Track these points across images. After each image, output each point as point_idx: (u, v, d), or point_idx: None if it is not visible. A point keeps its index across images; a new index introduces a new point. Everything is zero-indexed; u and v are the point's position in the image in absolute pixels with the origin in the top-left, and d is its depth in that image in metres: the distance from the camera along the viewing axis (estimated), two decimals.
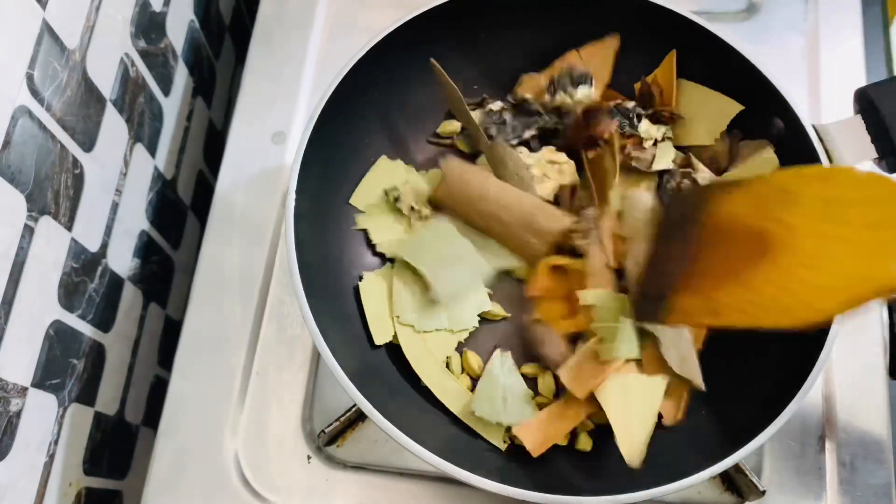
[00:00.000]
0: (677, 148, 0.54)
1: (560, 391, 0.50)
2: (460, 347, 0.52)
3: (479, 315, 0.52)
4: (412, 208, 0.53)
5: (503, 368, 0.50)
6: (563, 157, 0.53)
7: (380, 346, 0.51)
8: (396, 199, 0.53)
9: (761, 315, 0.38)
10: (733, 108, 0.52)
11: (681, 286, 0.42)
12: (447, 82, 0.51)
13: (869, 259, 0.34)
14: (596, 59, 0.55)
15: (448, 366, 0.51)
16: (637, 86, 0.55)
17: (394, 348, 0.51)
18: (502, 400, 0.49)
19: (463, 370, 0.51)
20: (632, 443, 0.46)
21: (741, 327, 0.39)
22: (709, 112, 0.53)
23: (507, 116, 0.53)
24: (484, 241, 0.52)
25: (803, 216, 0.37)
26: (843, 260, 0.35)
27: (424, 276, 0.50)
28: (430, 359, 0.50)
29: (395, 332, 0.51)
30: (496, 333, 0.53)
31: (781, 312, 0.37)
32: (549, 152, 0.53)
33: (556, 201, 0.53)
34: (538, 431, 0.47)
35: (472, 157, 0.56)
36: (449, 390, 0.49)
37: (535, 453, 0.47)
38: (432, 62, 0.50)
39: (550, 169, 0.52)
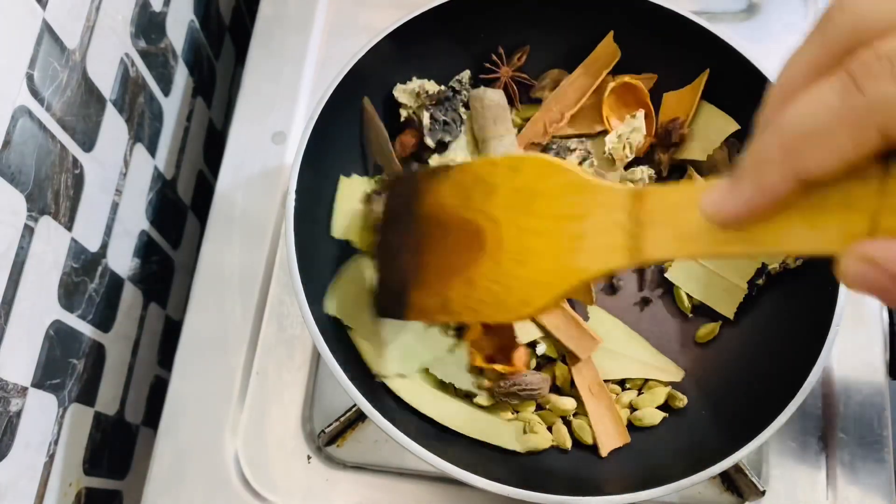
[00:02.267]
0: (675, 162, 0.55)
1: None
2: None
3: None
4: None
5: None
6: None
7: None
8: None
9: (486, 311, 0.38)
10: (730, 126, 0.52)
11: (415, 282, 0.41)
12: (375, 120, 0.51)
13: (562, 252, 0.33)
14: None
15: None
16: (661, 121, 0.55)
17: None
18: (457, 366, 0.49)
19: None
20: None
21: (472, 321, 0.38)
22: (706, 129, 0.53)
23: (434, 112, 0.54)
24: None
25: (502, 207, 0.37)
26: (542, 253, 0.35)
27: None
28: (421, 390, 0.49)
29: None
30: None
31: (500, 308, 0.37)
32: None
33: None
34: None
35: None
36: (453, 414, 0.48)
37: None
38: (364, 102, 0.51)
39: None
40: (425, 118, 0.53)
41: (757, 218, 0.24)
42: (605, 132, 0.55)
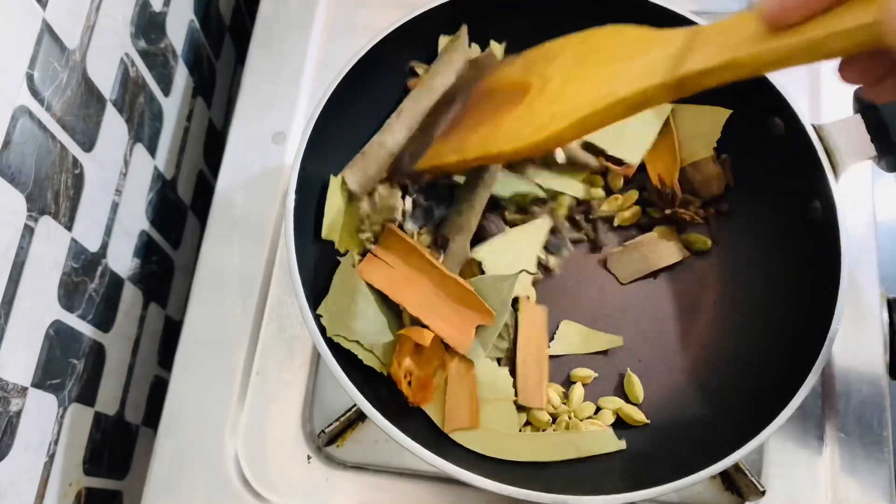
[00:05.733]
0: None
1: None
2: None
3: None
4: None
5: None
6: None
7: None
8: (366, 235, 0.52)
9: (495, 143, 0.39)
10: (722, 114, 0.52)
11: (439, 139, 0.44)
12: None
13: (598, 86, 0.35)
14: None
15: None
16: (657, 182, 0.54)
17: None
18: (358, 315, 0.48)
19: None
20: None
21: (476, 158, 0.40)
22: (701, 125, 0.53)
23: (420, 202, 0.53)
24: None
25: (559, 67, 0.39)
26: (580, 91, 0.36)
27: None
28: (485, 436, 0.48)
29: None
30: None
31: (513, 138, 0.38)
32: None
33: None
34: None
35: None
36: (521, 447, 0.48)
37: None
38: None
39: None
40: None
41: (806, 11, 0.26)
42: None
